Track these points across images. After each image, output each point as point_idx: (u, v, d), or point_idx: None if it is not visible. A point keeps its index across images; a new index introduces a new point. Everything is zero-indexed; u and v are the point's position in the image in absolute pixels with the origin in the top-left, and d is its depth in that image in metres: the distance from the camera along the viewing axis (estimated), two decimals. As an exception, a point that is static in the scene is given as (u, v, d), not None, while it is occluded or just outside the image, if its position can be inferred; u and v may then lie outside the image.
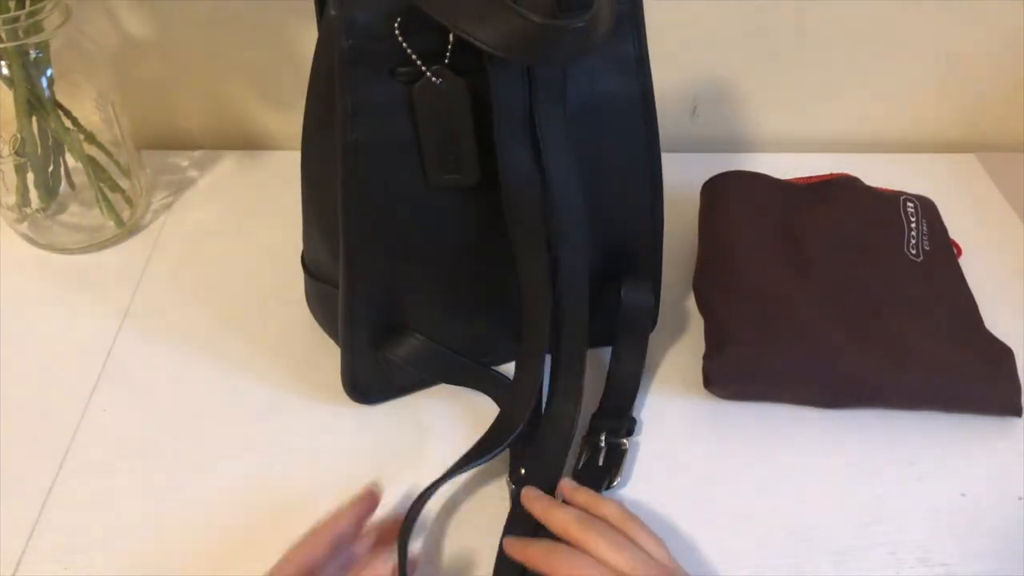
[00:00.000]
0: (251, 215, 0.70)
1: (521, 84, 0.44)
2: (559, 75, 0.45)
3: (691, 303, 0.61)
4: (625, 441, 0.53)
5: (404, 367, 0.52)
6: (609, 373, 0.55)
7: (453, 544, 0.48)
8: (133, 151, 0.67)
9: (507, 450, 0.51)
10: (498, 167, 0.46)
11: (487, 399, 0.55)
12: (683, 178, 0.67)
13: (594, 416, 0.54)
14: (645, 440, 0.54)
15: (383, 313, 0.51)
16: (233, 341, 0.59)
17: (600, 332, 0.55)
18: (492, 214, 0.48)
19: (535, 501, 0.46)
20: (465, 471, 0.49)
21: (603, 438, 0.52)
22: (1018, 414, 0.54)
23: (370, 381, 0.54)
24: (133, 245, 0.67)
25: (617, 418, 0.54)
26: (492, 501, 0.50)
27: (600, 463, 0.52)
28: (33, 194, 0.64)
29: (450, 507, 0.50)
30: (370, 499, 0.46)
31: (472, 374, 0.55)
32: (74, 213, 0.67)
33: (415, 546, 0.48)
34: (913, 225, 0.62)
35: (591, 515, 0.44)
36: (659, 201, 0.54)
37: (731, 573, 0.47)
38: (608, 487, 0.51)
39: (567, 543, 0.43)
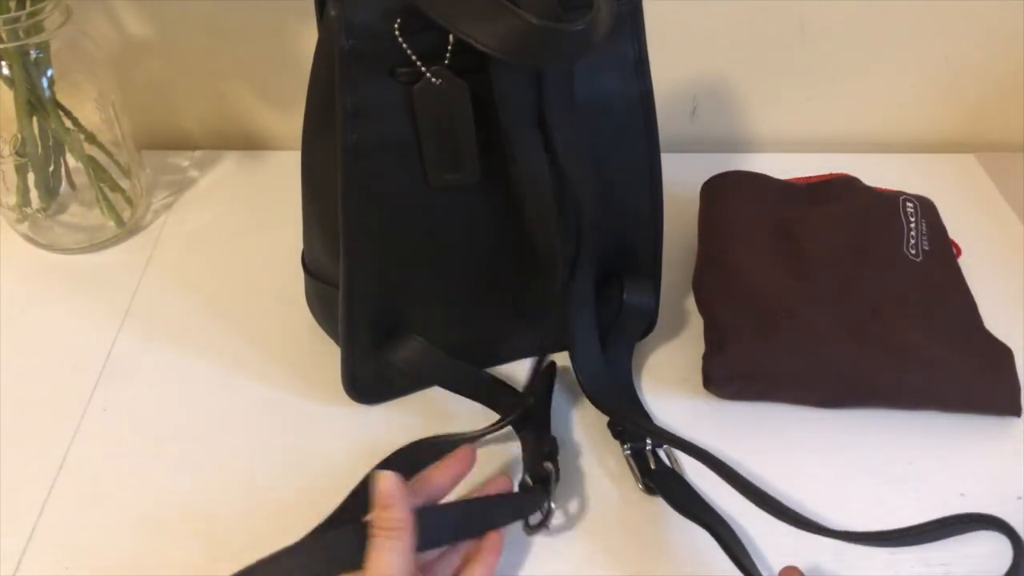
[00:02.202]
0: (251, 215, 0.70)
1: (527, 79, 0.44)
2: (568, 72, 0.45)
3: (691, 303, 0.61)
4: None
5: (404, 369, 0.52)
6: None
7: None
8: (133, 151, 0.67)
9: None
10: (508, 158, 0.45)
11: (487, 399, 0.55)
12: (683, 178, 0.67)
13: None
14: (645, 440, 0.54)
15: (383, 313, 0.51)
16: (233, 341, 0.59)
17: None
18: (492, 214, 0.49)
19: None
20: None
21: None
22: (1018, 414, 0.54)
23: (370, 381, 0.54)
24: (133, 245, 0.67)
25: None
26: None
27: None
28: (33, 194, 0.64)
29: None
30: (465, 458, 0.47)
31: (469, 382, 0.54)
32: (74, 213, 0.67)
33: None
34: (912, 225, 0.62)
35: None
36: (659, 201, 0.54)
37: (730, 573, 0.47)
38: None
39: None
